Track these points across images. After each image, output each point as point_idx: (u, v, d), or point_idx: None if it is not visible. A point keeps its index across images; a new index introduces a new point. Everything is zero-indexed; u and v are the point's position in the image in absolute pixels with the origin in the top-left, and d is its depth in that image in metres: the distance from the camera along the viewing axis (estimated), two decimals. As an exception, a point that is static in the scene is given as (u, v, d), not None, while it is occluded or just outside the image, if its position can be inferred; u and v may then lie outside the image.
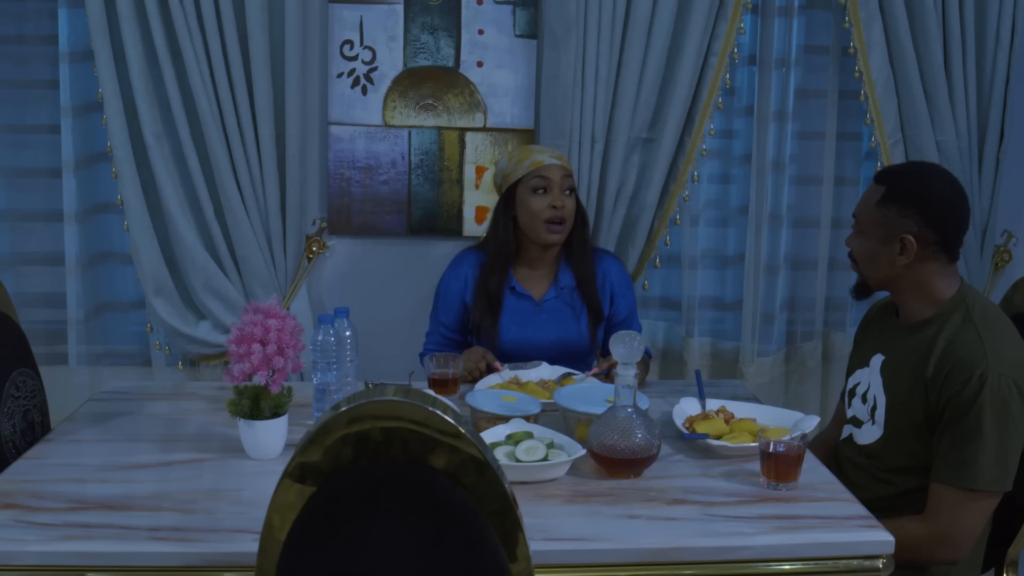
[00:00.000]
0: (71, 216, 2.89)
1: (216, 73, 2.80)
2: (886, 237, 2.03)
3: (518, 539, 1.38)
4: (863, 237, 2.10)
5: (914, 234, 2.00)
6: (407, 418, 1.34)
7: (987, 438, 1.88)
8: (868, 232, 2.08)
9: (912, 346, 2.04)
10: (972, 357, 1.92)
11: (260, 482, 1.76)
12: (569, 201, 2.58)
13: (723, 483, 1.94)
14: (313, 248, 3.03)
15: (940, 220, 2.00)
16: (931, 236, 2.00)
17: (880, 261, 2.06)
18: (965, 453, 1.90)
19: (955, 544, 1.94)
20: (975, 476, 1.89)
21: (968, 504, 1.91)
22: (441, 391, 2.33)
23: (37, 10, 2.90)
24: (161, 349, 3.03)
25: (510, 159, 2.65)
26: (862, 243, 2.10)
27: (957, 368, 1.92)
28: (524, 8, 2.98)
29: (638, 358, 1.91)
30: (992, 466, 1.89)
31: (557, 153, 2.65)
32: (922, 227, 2.00)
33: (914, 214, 2.00)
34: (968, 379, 1.90)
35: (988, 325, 1.98)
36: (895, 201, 2.02)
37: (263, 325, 1.96)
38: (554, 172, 2.57)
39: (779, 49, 3.00)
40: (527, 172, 2.58)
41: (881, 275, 2.09)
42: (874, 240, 2.06)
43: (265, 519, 1.39)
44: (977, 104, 3.02)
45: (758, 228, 3.07)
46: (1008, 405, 1.89)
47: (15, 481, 1.88)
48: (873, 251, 2.07)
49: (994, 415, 1.89)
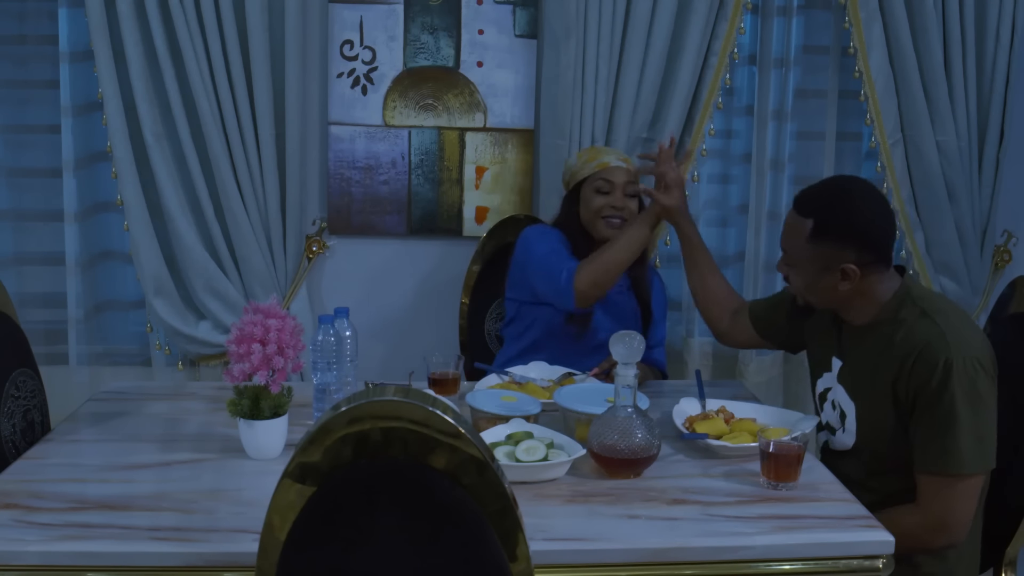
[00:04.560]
0: (71, 216, 2.89)
1: (216, 73, 2.80)
2: (825, 269, 2.00)
3: (518, 539, 1.38)
4: (798, 271, 2.05)
5: (853, 260, 1.97)
6: (407, 418, 1.34)
7: (963, 421, 1.89)
8: (803, 267, 2.03)
9: (868, 349, 2.03)
10: (934, 345, 1.92)
11: (260, 482, 1.76)
12: (631, 203, 2.60)
13: (723, 483, 1.94)
14: (313, 248, 3.03)
15: (875, 241, 1.98)
16: (870, 257, 1.98)
17: (822, 290, 2.04)
18: (945, 440, 1.90)
19: (951, 530, 1.95)
20: (960, 461, 1.90)
21: (957, 489, 1.92)
22: (441, 391, 2.33)
23: (37, 10, 2.90)
24: (161, 349, 3.03)
25: (579, 158, 2.68)
26: (799, 276, 2.06)
27: (921, 359, 1.92)
28: (524, 8, 2.98)
29: (638, 358, 1.91)
30: (973, 448, 1.90)
31: (624, 156, 2.68)
32: (860, 253, 1.97)
33: (851, 244, 1.97)
34: (934, 367, 1.90)
35: (940, 312, 1.97)
36: (827, 235, 1.98)
37: (263, 325, 1.96)
38: (618, 175, 2.59)
39: (779, 49, 3.01)
40: (593, 172, 2.61)
41: (824, 301, 2.07)
42: (811, 273, 2.02)
43: (265, 519, 1.39)
44: (977, 104, 3.02)
45: (758, 228, 3.07)
46: (975, 384, 1.90)
47: (15, 481, 1.88)
48: (813, 283, 2.04)
49: (965, 398, 1.89)
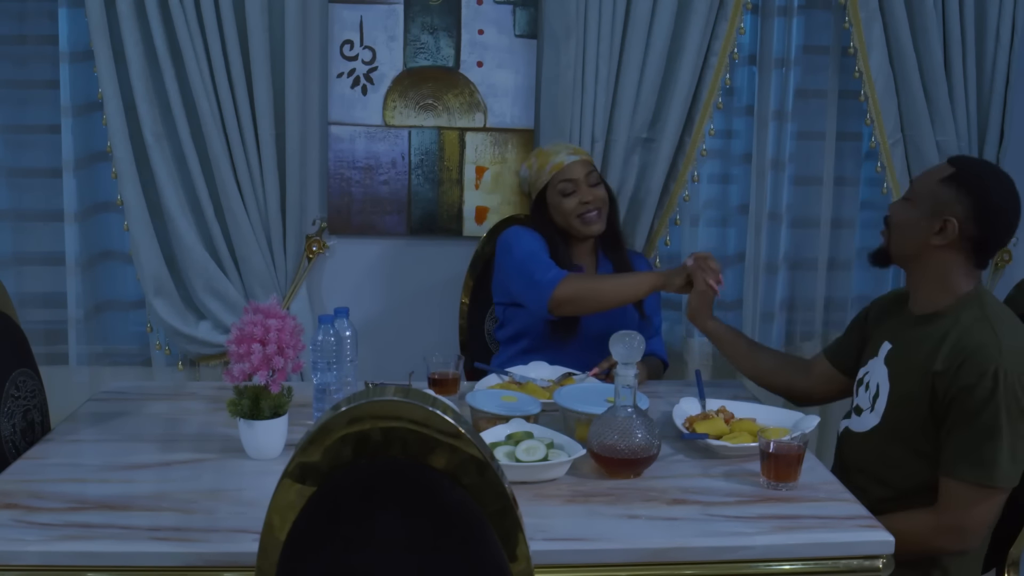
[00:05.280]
0: (71, 216, 2.89)
1: (216, 73, 2.80)
2: (933, 212, 2.02)
3: (518, 539, 1.38)
4: (909, 205, 2.09)
5: (960, 220, 1.99)
6: (407, 418, 1.34)
7: (1004, 436, 1.89)
8: (918, 202, 2.07)
9: (921, 337, 2.03)
10: (986, 352, 1.91)
11: (260, 482, 1.76)
12: (599, 191, 2.61)
13: (723, 483, 1.94)
14: (313, 248, 3.03)
15: (989, 220, 2.00)
16: (973, 230, 2.00)
17: (916, 233, 2.05)
18: (983, 451, 1.90)
19: (966, 536, 1.95)
20: (993, 474, 1.90)
21: (984, 500, 1.92)
22: (441, 391, 2.33)
23: (37, 10, 2.89)
24: (161, 349, 3.03)
25: (530, 168, 2.68)
26: (906, 210, 2.09)
27: (970, 362, 1.92)
28: (524, 8, 2.98)
29: (638, 358, 1.91)
30: (1008, 463, 1.90)
31: (573, 147, 2.68)
32: (969, 217, 1.99)
33: (968, 203, 1.99)
34: (983, 374, 1.90)
35: (1002, 321, 1.97)
36: (958, 184, 2.01)
37: (263, 325, 1.96)
38: (576, 170, 2.60)
39: (779, 49, 3.01)
40: (551, 177, 2.61)
41: (910, 248, 2.08)
42: (920, 211, 2.05)
43: (265, 519, 1.39)
44: (977, 104, 3.02)
45: (758, 228, 3.07)
46: (1020, 401, 1.90)
47: (15, 481, 1.88)
48: (914, 221, 2.06)
49: (1008, 412, 1.89)
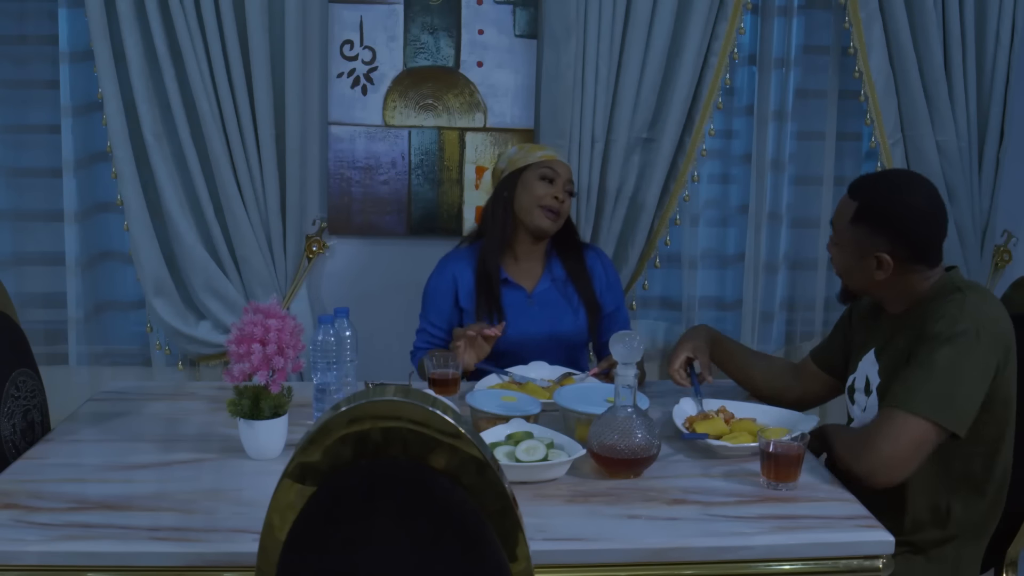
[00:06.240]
0: (71, 216, 2.89)
1: (216, 73, 2.80)
2: (862, 254, 2.01)
3: (518, 539, 1.38)
4: (839, 250, 2.08)
5: (888, 251, 1.98)
6: (407, 418, 1.34)
7: (938, 370, 1.87)
8: (843, 246, 2.06)
9: (903, 326, 2.03)
10: (953, 309, 1.92)
11: (260, 482, 1.76)
12: (569, 202, 2.63)
13: (723, 483, 1.93)
14: (313, 248, 3.03)
15: (913, 236, 1.98)
16: (905, 253, 1.98)
17: (857, 276, 2.06)
18: (912, 379, 1.89)
19: (887, 466, 1.88)
20: (913, 400, 1.87)
21: (906, 427, 1.86)
22: (441, 391, 2.33)
23: (37, 10, 2.90)
24: (161, 349, 3.03)
25: (520, 148, 2.69)
26: (839, 256, 2.09)
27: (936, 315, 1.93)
28: (524, 8, 2.98)
29: (638, 358, 1.91)
30: (934, 394, 1.87)
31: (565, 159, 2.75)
32: (896, 245, 1.97)
33: (886, 233, 1.98)
34: (941, 317, 1.91)
35: (973, 289, 1.98)
36: (867, 219, 1.99)
37: (263, 325, 1.96)
38: (563, 170, 2.64)
39: (779, 49, 3.01)
40: (539, 160, 2.63)
41: (861, 288, 2.09)
42: (849, 255, 2.05)
43: (265, 519, 1.39)
44: (977, 104, 3.02)
45: (758, 228, 3.07)
46: (969, 346, 1.88)
47: (15, 481, 1.88)
48: (850, 266, 2.06)
49: (954, 352, 1.88)
